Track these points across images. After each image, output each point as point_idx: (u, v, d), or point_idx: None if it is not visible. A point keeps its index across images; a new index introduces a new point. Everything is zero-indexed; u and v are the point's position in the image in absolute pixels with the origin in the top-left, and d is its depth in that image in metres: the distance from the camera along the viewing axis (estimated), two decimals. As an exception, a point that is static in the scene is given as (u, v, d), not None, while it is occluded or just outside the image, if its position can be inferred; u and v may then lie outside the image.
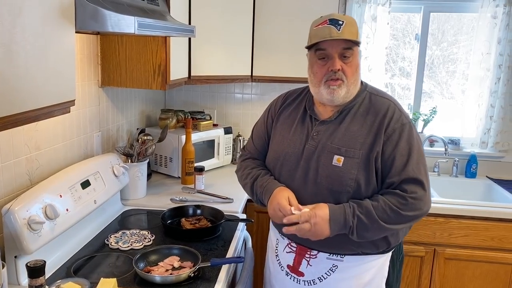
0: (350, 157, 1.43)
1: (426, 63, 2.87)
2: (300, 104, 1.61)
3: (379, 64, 2.74)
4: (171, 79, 2.02)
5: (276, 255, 1.66)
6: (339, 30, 1.40)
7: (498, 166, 2.83)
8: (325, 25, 1.42)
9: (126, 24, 1.25)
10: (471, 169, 2.77)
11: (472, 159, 2.77)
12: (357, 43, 1.44)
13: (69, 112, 1.24)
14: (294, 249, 1.57)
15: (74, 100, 1.24)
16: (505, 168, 2.82)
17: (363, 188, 1.43)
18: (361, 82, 1.55)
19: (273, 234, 1.71)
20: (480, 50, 2.68)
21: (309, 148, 1.51)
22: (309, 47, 1.49)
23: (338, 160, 1.44)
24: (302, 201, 1.48)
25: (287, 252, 1.60)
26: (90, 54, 1.94)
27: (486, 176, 2.81)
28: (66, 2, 1.17)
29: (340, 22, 1.41)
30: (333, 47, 1.42)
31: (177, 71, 2.13)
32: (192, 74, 2.34)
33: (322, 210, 1.41)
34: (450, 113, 2.92)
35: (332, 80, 1.43)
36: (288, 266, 1.60)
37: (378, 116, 1.46)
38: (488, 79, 2.69)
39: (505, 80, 2.65)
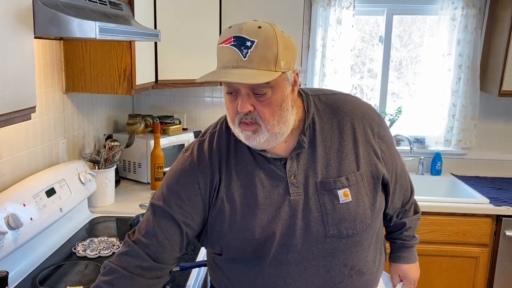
0: (354, 184, 1.10)
1: (394, 65, 2.94)
2: (240, 149, 1.12)
3: (345, 67, 2.79)
4: (137, 83, 2.01)
5: None
6: (245, 57, 0.97)
7: (462, 163, 2.93)
8: (229, 45, 0.99)
9: (87, 29, 1.24)
10: (436, 166, 2.86)
11: (436, 157, 2.85)
12: (272, 80, 0.98)
13: (30, 119, 1.22)
14: None
15: (35, 106, 1.22)
16: (468, 165, 2.92)
17: (377, 213, 1.14)
18: (298, 91, 1.13)
19: None
20: (441, 51, 2.77)
21: (295, 199, 1.08)
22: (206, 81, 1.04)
23: (345, 195, 1.08)
24: (312, 271, 1.09)
25: None
26: (53, 60, 1.91)
27: (451, 173, 2.90)
28: (23, 8, 1.15)
29: (248, 44, 0.97)
30: (237, 83, 1.00)
31: (144, 75, 2.11)
32: (159, 79, 2.32)
33: (411, 273, 1.37)
34: (416, 112, 3.00)
35: (244, 123, 1.04)
36: None
37: (344, 119, 1.14)
38: (449, 79, 2.78)
39: (466, 80, 2.75)
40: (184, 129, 2.78)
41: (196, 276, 1.53)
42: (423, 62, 2.89)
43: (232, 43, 0.98)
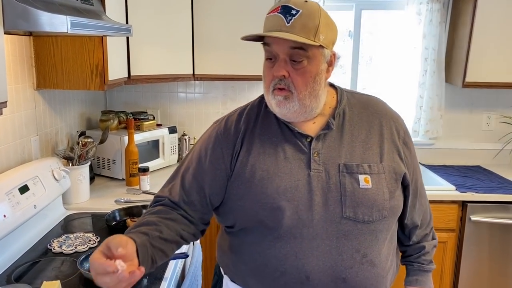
0: (376, 174, 1.12)
1: (364, 59, 3.02)
2: (268, 122, 1.18)
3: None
4: (109, 79, 2.00)
5: None
6: (288, 23, 1.04)
7: (429, 152, 3.04)
8: (276, 13, 1.07)
9: (58, 23, 1.24)
10: (405, 156, 2.95)
11: (405, 147, 2.95)
12: (312, 44, 1.05)
13: (1, 114, 1.22)
14: None
15: (6, 102, 1.22)
16: (435, 154, 3.03)
17: (395, 208, 1.16)
18: (333, 85, 1.26)
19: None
20: (408, 44, 2.86)
21: (316, 174, 1.11)
22: (251, 39, 1.09)
23: (365, 181, 1.11)
24: (325, 249, 1.10)
25: None
26: (23, 56, 1.88)
27: (419, 163, 2.99)
28: (-7, 2, 1.14)
29: (294, 12, 1.05)
30: (279, 44, 1.07)
31: (116, 71, 2.11)
32: (132, 74, 2.32)
33: None
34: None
35: (278, 89, 1.09)
36: None
37: (381, 117, 1.19)
38: (416, 71, 2.88)
39: (432, 72, 2.84)
40: (158, 125, 2.79)
41: (174, 268, 1.55)
42: (391, 56, 2.98)
43: (279, 11, 1.06)
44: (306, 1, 1.07)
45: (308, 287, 1.11)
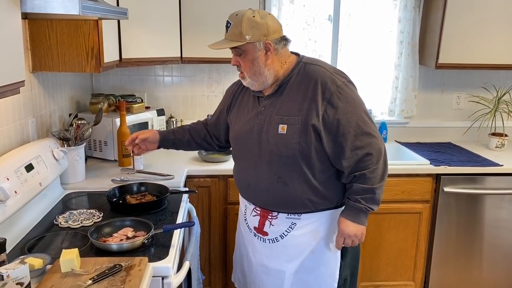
0: (292, 124, 1.60)
1: (340, 44, 3.15)
2: (248, 88, 1.76)
3: (297, 45, 2.96)
4: (105, 61, 2.06)
5: (245, 219, 1.87)
6: (227, 32, 1.61)
7: (404, 131, 3.23)
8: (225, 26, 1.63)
9: (70, 6, 1.31)
10: (382, 134, 3.13)
11: (382, 126, 3.12)
12: (240, 44, 1.57)
13: (19, 93, 1.28)
14: (259, 212, 1.78)
15: (24, 81, 1.28)
16: (410, 133, 3.23)
17: (306, 149, 1.61)
18: (298, 54, 1.72)
19: (241, 202, 1.91)
20: (384, 28, 3.01)
21: (259, 123, 1.68)
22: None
23: (282, 129, 1.62)
24: (259, 169, 1.69)
25: (253, 216, 1.81)
26: (19, 39, 1.92)
27: (395, 141, 3.19)
28: (10, -15, 1.20)
29: (228, 25, 1.60)
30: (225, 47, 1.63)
31: (110, 54, 2.17)
32: (123, 57, 2.38)
33: (342, 225, 1.66)
34: (363, 86, 3.24)
35: (239, 72, 1.68)
36: (254, 227, 1.81)
37: (310, 82, 1.61)
38: (392, 54, 3.04)
39: (406, 55, 3.01)
40: (147, 107, 2.85)
41: (178, 237, 1.66)
42: (368, 40, 3.13)
43: (226, 24, 1.62)
44: (237, 14, 1.58)
45: (250, 190, 1.77)
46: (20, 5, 1.23)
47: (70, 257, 1.33)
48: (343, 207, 1.72)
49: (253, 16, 1.57)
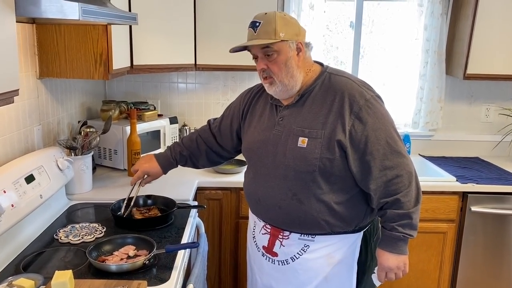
0: (313, 138, 1.47)
1: (362, 51, 3.01)
2: (266, 96, 1.65)
3: (317, 52, 2.84)
4: (113, 68, 1.98)
5: (253, 237, 1.74)
6: (255, 32, 1.46)
7: (429, 144, 3.06)
8: (249, 28, 1.49)
9: (69, 10, 1.22)
10: (405, 147, 2.97)
11: (405, 139, 2.96)
12: (275, 42, 1.43)
13: (13, 102, 1.20)
14: (269, 230, 1.65)
15: (18, 90, 1.20)
16: (434, 146, 3.06)
17: (329, 166, 1.47)
18: (321, 64, 1.59)
19: (251, 217, 1.78)
20: (409, 36, 2.86)
21: (276, 133, 1.56)
22: (238, 50, 1.53)
23: (302, 142, 1.49)
24: (272, 184, 1.56)
25: (262, 234, 1.67)
26: (26, 44, 1.85)
27: (419, 154, 3.02)
28: (4, -13, 1.12)
29: (257, 24, 1.46)
30: (254, 48, 1.49)
31: (119, 60, 2.09)
32: (134, 63, 2.30)
33: (382, 259, 1.53)
34: (386, 96, 3.08)
35: (264, 78, 1.52)
36: (263, 247, 1.67)
37: (337, 94, 1.48)
38: (417, 63, 2.89)
39: (432, 64, 2.85)
40: (159, 115, 2.77)
41: (182, 257, 1.55)
42: (392, 47, 2.98)
43: (250, 26, 1.49)
44: (266, 13, 1.47)
45: (260, 206, 1.64)
46: (14, 9, 1.15)
47: (62, 280, 1.23)
48: (362, 232, 1.59)
49: (284, 15, 1.48)
